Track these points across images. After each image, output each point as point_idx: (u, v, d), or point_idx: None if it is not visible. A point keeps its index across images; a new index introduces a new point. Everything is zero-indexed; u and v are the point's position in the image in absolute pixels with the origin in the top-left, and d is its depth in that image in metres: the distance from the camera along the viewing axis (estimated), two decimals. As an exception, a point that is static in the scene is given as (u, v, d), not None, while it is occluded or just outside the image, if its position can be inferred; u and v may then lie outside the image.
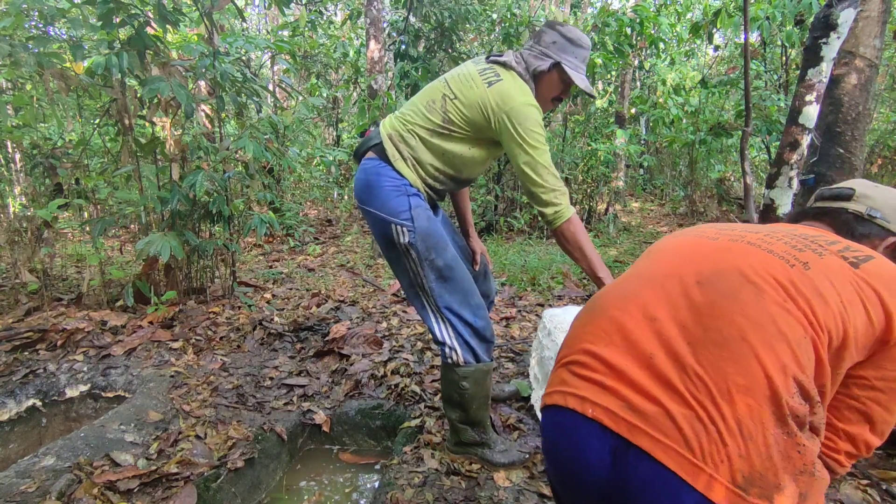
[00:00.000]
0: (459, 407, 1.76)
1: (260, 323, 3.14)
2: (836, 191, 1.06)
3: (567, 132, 7.34)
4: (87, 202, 3.60)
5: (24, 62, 2.71)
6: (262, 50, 6.45)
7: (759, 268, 0.84)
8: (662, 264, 0.93)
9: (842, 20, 2.46)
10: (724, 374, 0.74)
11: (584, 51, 1.65)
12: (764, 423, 0.71)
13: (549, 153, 1.60)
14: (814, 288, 0.80)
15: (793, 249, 0.87)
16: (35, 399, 2.40)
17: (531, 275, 4.26)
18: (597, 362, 0.84)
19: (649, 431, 0.74)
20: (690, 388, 0.75)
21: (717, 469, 0.69)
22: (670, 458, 0.71)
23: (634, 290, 0.90)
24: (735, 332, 0.77)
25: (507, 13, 6.46)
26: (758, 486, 0.69)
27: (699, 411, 0.73)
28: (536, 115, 1.57)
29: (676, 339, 0.80)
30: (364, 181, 1.68)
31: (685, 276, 0.87)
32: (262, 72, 8.91)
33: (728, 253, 0.89)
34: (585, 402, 0.81)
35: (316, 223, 7.26)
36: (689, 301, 0.83)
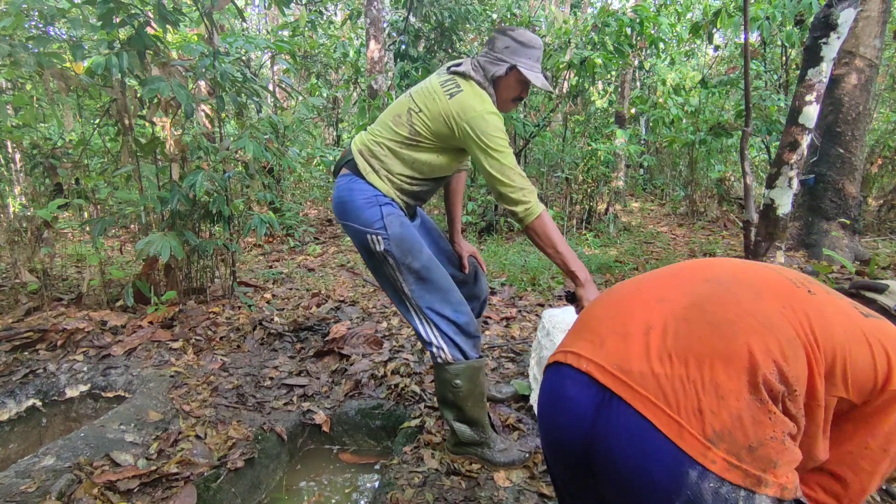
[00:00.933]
0: (455, 406, 1.77)
1: (260, 323, 3.14)
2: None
3: (567, 132, 7.34)
4: (87, 202, 3.60)
5: (24, 62, 2.71)
6: (262, 50, 6.45)
7: (765, 281, 0.91)
8: (668, 269, 1.02)
9: (842, 20, 2.46)
10: (710, 345, 0.80)
11: (536, 51, 1.72)
12: (739, 387, 0.77)
13: (513, 156, 1.65)
14: (816, 309, 0.86)
15: (805, 280, 0.93)
16: (35, 399, 2.40)
17: (531, 275, 4.26)
18: (599, 327, 0.93)
19: (631, 384, 0.81)
20: (676, 351, 0.82)
21: (689, 421, 0.75)
22: (647, 409, 0.78)
23: (646, 283, 0.99)
24: (729, 316, 0.84)
25: (507, 13, 6.46)
26: (726, 441, 0.74)
27: (680, 371, 0.79)
28: (497, 122, 1.63)
29: (676, 317, 0.87)
30: (338, 198, 1.75)
31: (693, 276, 0.96)
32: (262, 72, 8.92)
33: (734, 268, 0.97)
34: (580, 359, 0.90)
35: (316, 223, 7.27)
36: (695, 289, 0.91)
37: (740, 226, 4.85)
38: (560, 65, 5.88)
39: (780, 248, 2.64)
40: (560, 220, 6.21)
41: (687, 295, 0.90)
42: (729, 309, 0.85)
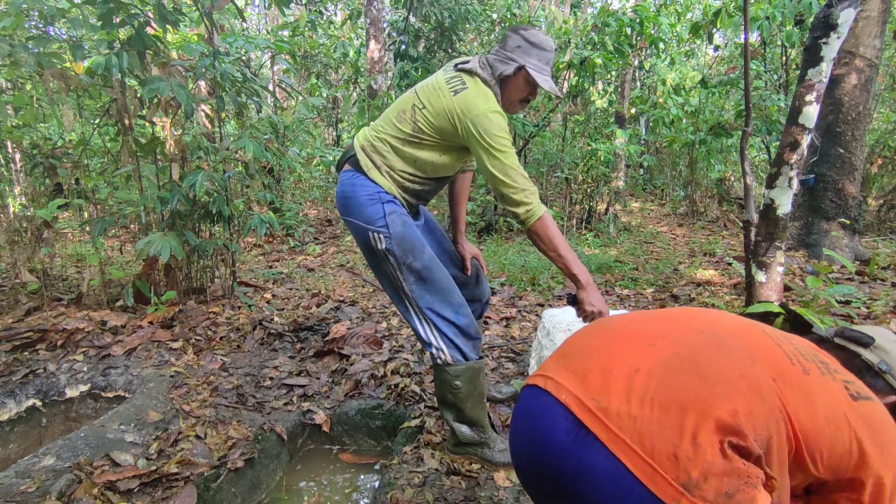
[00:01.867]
0: (454, 407, 1.77)
1: (260, 323, 3.14)
2: (857, 335, 1.09)
3: (567, 132, 7.34)
4: (87, 202, 3.60)
5: (24, 62, 2.71)
6: (262, 50, 6.45)
7: (761, 347, 0.90)
8: (663, 313, 1.02)
9: (842, 20, 2.46)
10: (696, 396, 0.80)
11: (547, 53, 1.69)
12: (718, 441, 0.76)
13: (516, 156, 1.63)
14: (804, 389, 0.85)
15: (801, 356, 0.91)
16: (35, 399, 2.40)
17: (531, 275, 4.26)
18: (585, 359, 0.92)
19: (607, 423, 0.80)
20: (658, 398, 0.80)
21: (662, 466, 0.75)
22: (621, 450, 0.78)
23: (644, 322, 0.99)
24: (722, 373, 0.83)
25: (507, 13, 6.46)
26: (701, 489, 0.74)
27: (660, 416, 0.78)
28: (500, 121, 1.61)
29: (664, 364, 0.86)
30: (341, 193, 1.75)
31: (691, 324, 0.95)
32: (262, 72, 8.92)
33: (734, 327, 0.95)
34: (561, 388, 0.89)
35: (316, 223, 7.27)
36: (689, 340, 0.90)
37: (740, 226, 4.85)
38: (560, 65, 5.88)
39: (780, 248, 2.64)
40: (560, 220, 6.21)
41: (680, 344, 0.89)
42: (722, 366, 0.84)
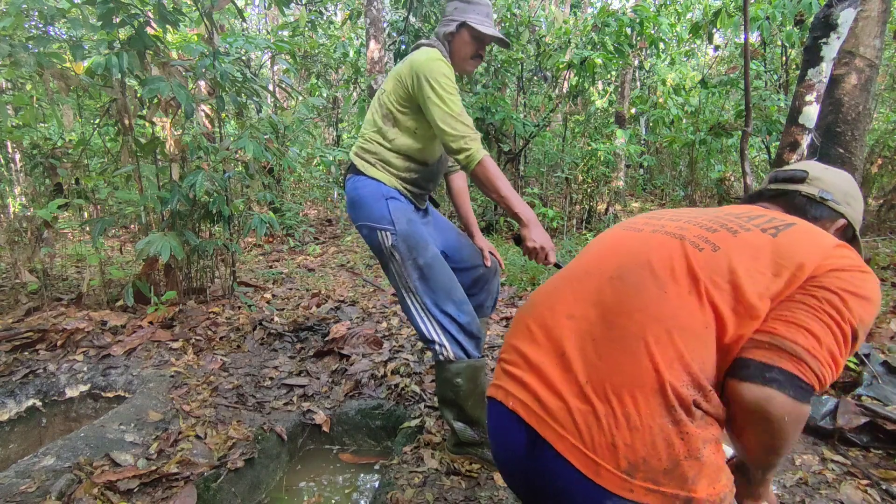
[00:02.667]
0: (455, 405, 1.78)
1: (260, 323, 3.14)
2: (790, 173, 1.09)
3: (567, 132, 7.34)
4: (87, 202, 3.60)
5: (24, 62, 2.71)
6: (262, 50, 6.45)
7: (667, 259, 0.89)
8: (588, 260, 1.00)
9: (842, 20, 2.46)
10: (619, 370, 0.81)
11: (484, 6, 1.77)
12: (651, 413, 0.78)
13: (459, 102, 1.67)
14: (721, 268, 0.84)
15: (707, 232, 0.91)
16: (35, 399, 2.40)
17: (531, 275, 4.26)
18: (520, 358, 0.93)
19: (552, 424, 0.82)
20: (590, 384, 0.82)
21: (604, 457, 0.78)
22: (566, 449, 0.80)
23: (560, 289, 0.98)
24: (633, 329, 0.83)
25: (507, 13, 6.45)
26: (642, 470, 0.76)
27: (595, 405, 0.80)
28: (442, 67, 1.67)
29: (585, 336, 0.87)
30: (348, 199, 1.84)
31: (602, 272, 0.94)
32: (262, 72, 8.92)
33: (644, 246, 0.94)
34: (509, 396, 0.90)
35: (316, 223, 7.27)
36: (600, 298, 0.90)
37: (740, 226, 4.83)
38: (560, 65, 5.88)
39: (780, 248, 2.65)
40: (560, 219, 6.21)
41: (594, 305, 0.89)
42: (633, 318, 0.84)
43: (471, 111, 5.79)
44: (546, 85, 7.29)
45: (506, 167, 6.78)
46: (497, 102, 6.08)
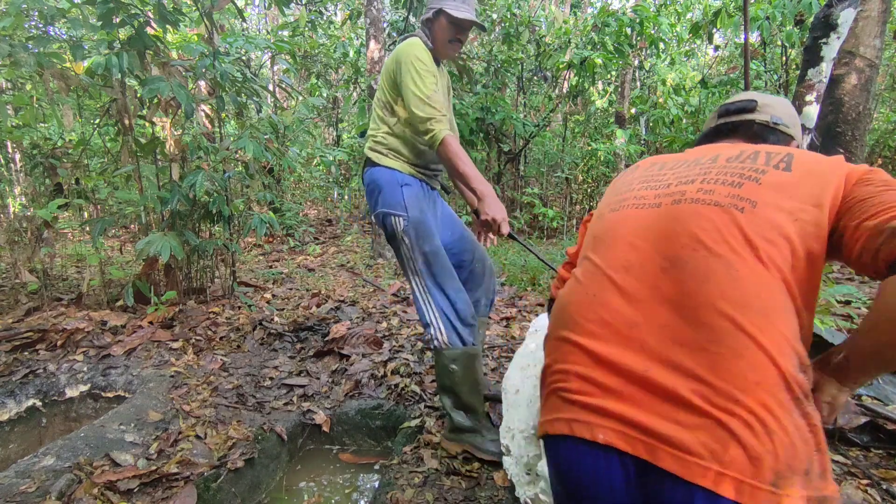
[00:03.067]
0: (451, 392, 1.86)
1: (260, 323, 3.14)
2: (742, 104, 1.08)
3: (567, 132, 7.34)
4: (87, 202, 3.60)
5: (24, 62, 2.71)
6: (262, 50, 6.45)
7: (715, 231, 0.80)
8: (618, 254, 0.88)
9: (842, 20, 2.46)
10: (732, 374, 0.71)
11: None
12: (785, 411, 0.70)
13: (431, 84, 1.77)
14: (769, 223, 0.79)
15: (734, 189, 0.84)
16: (35, 399, 2.40)
17: (531, 275, 4.26)
18: (588, 385, 0.80)
19: (668, 449, 0.71)
20: (699, 395, 0.71)
21: (745, 473, 0.68)
22: (695, 473, 0.69)
23: (602, 297, 0.85)
24: (725, 324, 0.74)
25: (507, 13, 6.45)
26: (786, 476, 0.67)
27: (719, 417, 0.70)
28: (417, 51, 1.78)
29: (666, 345, 0.76)
30: (366, 189, 1.95)
31: (647, 266, 0.83)
32: (262, 72, 8.91)
33: (677, 222, 0.84)
34: (594, 428, 0.77)
35: (316, 223, 7.27)
36: (661, 295, 0.80)
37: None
38: (560, 65, 5.88)
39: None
40: (560, 219, 6.21)
41: (659, 304, 0.79)
42: (718, 311, 0.74)
43: (471, 111, 5.79)
44: (546, 85, 7.29)
45: (506, 167, 6.78)
46: (497, 102, 6.08)
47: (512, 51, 6.57)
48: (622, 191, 0.99)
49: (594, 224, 1.00)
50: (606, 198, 1.04)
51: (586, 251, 0.96)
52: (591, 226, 1.02)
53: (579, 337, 0.84)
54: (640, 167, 1.05)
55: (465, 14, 1.82)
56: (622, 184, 1.02)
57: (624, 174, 1.08)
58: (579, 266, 0.96)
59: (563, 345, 0.86)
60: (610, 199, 1.01)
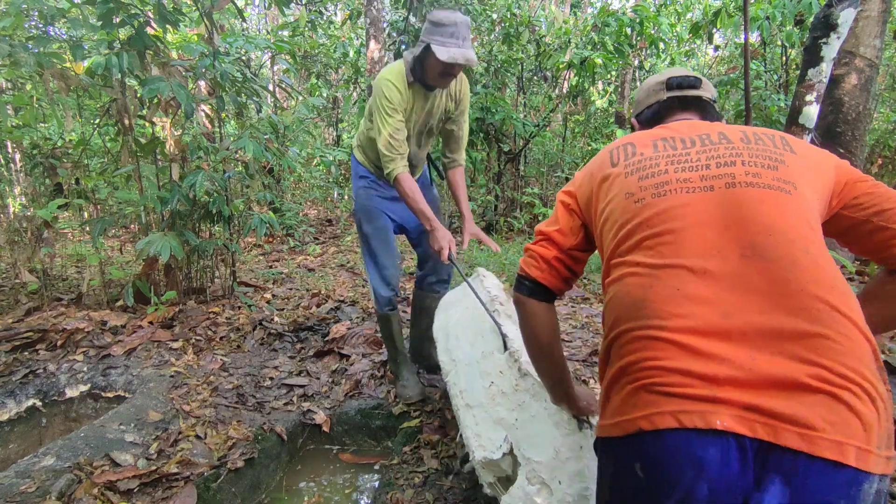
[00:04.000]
0: (385, 345, 2.45)
1: (260, 323, 3.14)
2: (690, 80, 1.11)
3: (567, 132, 7.34)
4: (87, 202, 3.60)
5: (24, 62, 2.71)
6: (262, 50, 6.45)
7: (781, 216, 0.84)
8: (691, 243, 0.85)
9: (842, 20, 2.46)
10: (837, 352, 0.74)
11: (448, 27, 1.90)
12: (877, 380, 0.75)
13: (391, 122, 1.99)
14: (809, 206, 0.87)
15: (773, 172, 0.89)
16: (35, 399, 2.40)
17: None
18: (691, 378, 0.78)
19: (790, 428, 0.72)
20: (811, 375, 0.73)
21: (860, 440, 0.71)
22: (821, 447, 0.71)
23: (686, 289, 0.83)
24: (821, 306, 0.77)
25: (507, 13, 6.45)
26: (884, 439, 0.73)
27: (833, 392, 0.72)
28: (385, 89, 1.99)
29: (765, 332, 0.77)
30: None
31: (726, 253, 0.83)
32: (262, 72, 8.91)
33: (742, 207, 0.85)
34: (708, 416, 0.75)
35: (316, 223, 7.27)
36: (747, 283, 0.80)
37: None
38: (560, 65, 5.88)
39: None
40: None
41: (750, 294, 0.79)
42: (811, 295, 0.77)
43: (471, 111, 5.79)
44: (546, 85, 7.29)
45: (506, 167, 6.78)
46: (497, 102, 6.08)
47: (512, 51, 6.57)
48: (651, 171, 0.94)
49: (631, 208, 0.93)
50: (623, 180, 0.97)
51: (637, 237, 0.90)
52: (627, 210, 0.93)
53: (671, 333, 0.81)
54: (639, 144, 1.00)
55: (449, 56, 1.89)
56: (640, 164, 0.96)
57: (620, 152, 1.01)
58: (635, 254, 0.90)
59: (654, 342, 0.82)
60: (640, 183, 0.94)
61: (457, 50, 1.89)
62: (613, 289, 0.92)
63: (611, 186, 0.99)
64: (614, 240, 0.94)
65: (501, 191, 6.69)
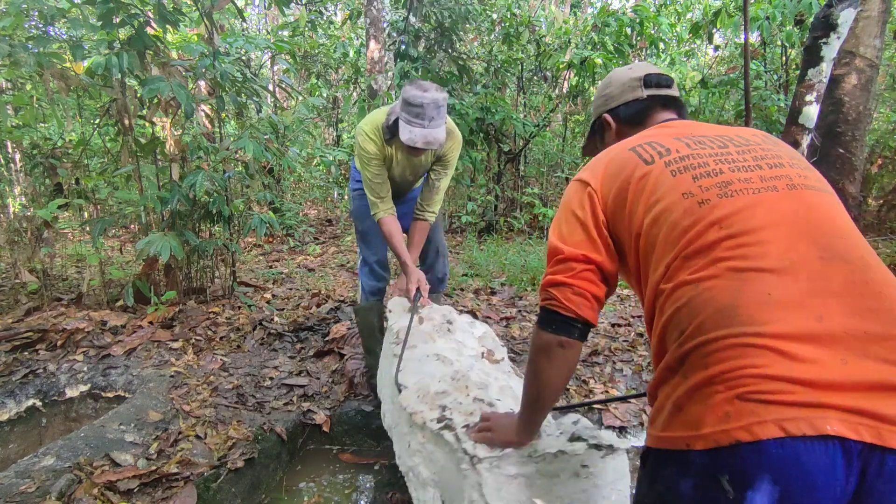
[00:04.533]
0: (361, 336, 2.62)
1: (260, 323, 3.14)
2: (666, 78, 1.12)
3: (567, 132, 7.34)
4: (87, 202, 3.60)
5: (24, 62, 2.71)
6: (262, 50, 6.45)
7: (842, 218, 0.86)
8: (772, 247, 0.83)
9: (842, 20, 2.46)
10: None
11: (414, 108, 1.95)
12: None
13: (368, 170, 2.18)
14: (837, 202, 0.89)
15: (811, 172, 0.92)
16: (35, 399, 2.40)
17: (531, 275, 4.26)
18: (791, 385, 0.75)
19: (893, 428, 0.71)
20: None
21: None
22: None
23: (776, 294, 0.80)
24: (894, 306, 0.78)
25: (507, 13, 6.46)
26: None
27: None
28: (360, 140, 2.17)
29: (858, 335, 0.76)
30: None
31: (807, 256, 0.82)
32: (262, 72, 8.91)
33: (812, 210, 0.86)
34: (815, 421, 0.73)
35: (316, 223, 7.27)
36: (831, 287, 0.79)
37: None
38: (560, 65, 5.88)
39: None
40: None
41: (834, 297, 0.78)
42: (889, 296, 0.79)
43: (471, 111, 5.79)
44: (546, 85, 7.29)
45: (506, 167, 6.78)
46: (497, 102, 6.08)
47: (512, 51, 6.57)
48: (704, 171, 0.90)
49: (695, 209, 0.88)
50: (670, 179, 0.91)
51: (711, 239, 0.86)
52: (690, 211, 0.88)
53: (769, 339, 0.78)
54: (665, 141, 0.96)
55: (409, 139, 1.95)
56: (686, 162, 0.92)
57: (650, 149, 0.96)
58: (711, 257, 0.85)
59: (750, 349, 0.79)
60: (698, 182, 0.89)
61: (419, 132, 1.93)
62: (687, 294, 0.85)
63: (655, 186, 0.92)
64: (677, 243, 0.88)
65: (501, 191, 6.69)
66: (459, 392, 1.46)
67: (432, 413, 1.39)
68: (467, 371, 1.56)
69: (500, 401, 1.43)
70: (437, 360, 1.66)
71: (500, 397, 1.46)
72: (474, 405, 1.38)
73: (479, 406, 1.37)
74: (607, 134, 1.19)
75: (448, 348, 1.79)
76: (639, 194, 0.93)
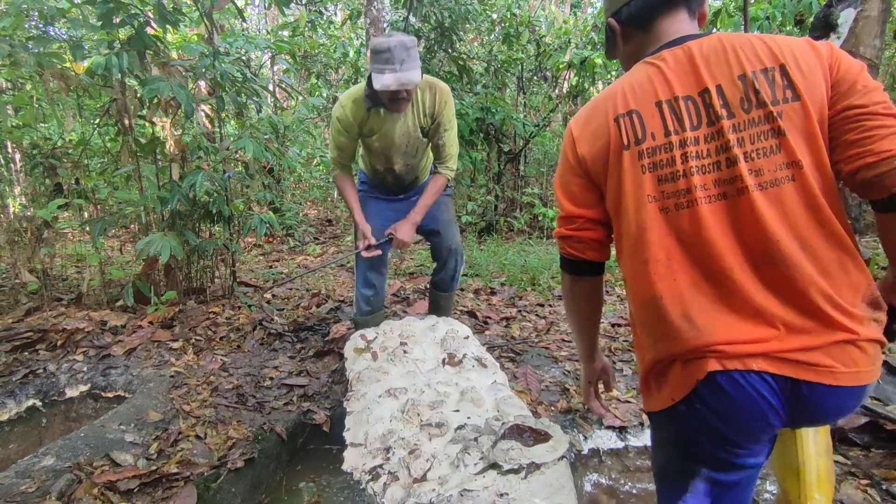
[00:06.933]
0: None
1: (260, 323, 3.14)
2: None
3: (567, 132, 7.31)
4: (87, 202, 3.60)
5: (24, 62, 2.71)
6: (262, 50, 6.45)
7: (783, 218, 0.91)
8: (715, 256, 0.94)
9: (842, 20, 2.46)
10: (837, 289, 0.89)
11: (383, 54, 1.91)
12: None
13: (341, 140, 2.29)
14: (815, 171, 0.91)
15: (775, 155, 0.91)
16: (35, 399, 2.40)
17: (531, 275, 4.26)
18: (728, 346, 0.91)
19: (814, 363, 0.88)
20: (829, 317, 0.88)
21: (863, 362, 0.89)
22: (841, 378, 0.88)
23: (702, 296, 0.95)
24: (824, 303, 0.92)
25: (507, 13, 6.46)
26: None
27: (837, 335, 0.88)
28: (336, 111, 2.23)
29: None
30: None
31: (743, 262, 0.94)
32: (262, 72, 8.91)
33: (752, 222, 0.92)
34: (747, 359, 0.90)
35: (316, 223, 7.27)
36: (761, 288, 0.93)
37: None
38: (560, 65, 5.88)
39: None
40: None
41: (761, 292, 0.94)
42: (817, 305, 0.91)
43: (471, 111, 5.79)
44: (546, 85, 7.29)
45: (506, 167, 6.78)
46: (497, 102, 6.08)
47: (512, 51, 6.57)
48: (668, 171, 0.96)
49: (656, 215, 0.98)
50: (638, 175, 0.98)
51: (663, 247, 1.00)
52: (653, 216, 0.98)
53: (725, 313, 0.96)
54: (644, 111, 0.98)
55: (381, 84, 1.90)
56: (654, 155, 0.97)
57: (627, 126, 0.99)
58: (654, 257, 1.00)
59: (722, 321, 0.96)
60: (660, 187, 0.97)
61: (391, 76, 1.88)
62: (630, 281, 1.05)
63: (624, 173, 0.99)
64: (629, 237, 1.01)
65: (501, 191, 6.69)
66: (409, 424, 1.51)
67: (374, 461, 1.42)
68: (419, 395, 1.60)
69: (457, 412, 1.54)
70: (388, 398, 1.66)
71: (457, 408, 1.56)
72: (421, 433, 1.44)
73: (426, 432, 1.45)
74: (618, 39, 1.18)
75: (403, 375, 1.81)
76: (611, 175, 1.02)
